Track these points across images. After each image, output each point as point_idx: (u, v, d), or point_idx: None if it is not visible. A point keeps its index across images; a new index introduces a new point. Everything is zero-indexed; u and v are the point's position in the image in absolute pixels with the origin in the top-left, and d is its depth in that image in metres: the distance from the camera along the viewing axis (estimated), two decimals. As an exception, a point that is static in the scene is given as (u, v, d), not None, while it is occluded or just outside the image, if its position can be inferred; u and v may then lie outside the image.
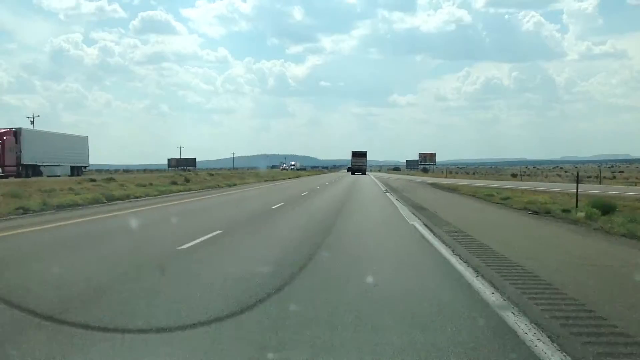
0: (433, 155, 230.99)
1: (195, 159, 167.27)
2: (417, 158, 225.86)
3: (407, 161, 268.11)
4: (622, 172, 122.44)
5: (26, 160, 66.98)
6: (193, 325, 6.57)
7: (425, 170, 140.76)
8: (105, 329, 6.47)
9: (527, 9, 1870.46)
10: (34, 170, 67.55)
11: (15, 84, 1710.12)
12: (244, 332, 6.42)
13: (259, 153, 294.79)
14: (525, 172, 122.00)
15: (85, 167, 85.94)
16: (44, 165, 70.47)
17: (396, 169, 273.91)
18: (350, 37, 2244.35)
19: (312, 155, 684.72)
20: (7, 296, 8.12)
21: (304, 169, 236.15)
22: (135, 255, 12.25)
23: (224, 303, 7.72)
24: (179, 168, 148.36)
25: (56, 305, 7.52)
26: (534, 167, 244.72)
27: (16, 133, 67.02)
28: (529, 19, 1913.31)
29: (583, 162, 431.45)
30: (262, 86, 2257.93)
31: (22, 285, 9.19)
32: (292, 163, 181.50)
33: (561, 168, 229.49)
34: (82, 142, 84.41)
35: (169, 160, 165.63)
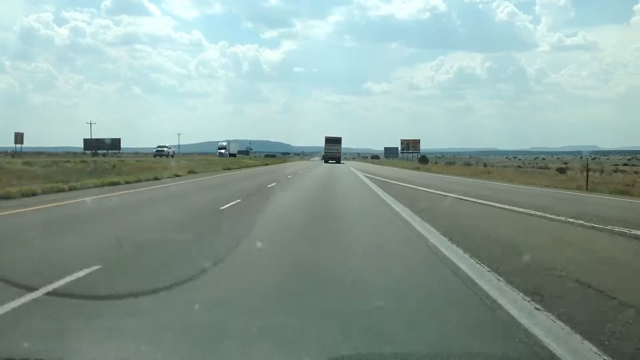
0: (417, 142, 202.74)
1: (119, 139, 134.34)
2: (396, 145, 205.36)
3: (386, 149, 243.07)
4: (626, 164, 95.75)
5: None
6: (259, 238, 11.21)
7: (424, 161, 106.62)
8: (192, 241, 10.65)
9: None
10: None
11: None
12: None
13: (233, 138, 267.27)
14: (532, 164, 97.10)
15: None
16: None
17: (375, 157, 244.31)
18: (326, 23, 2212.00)
19: (286, 142, 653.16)
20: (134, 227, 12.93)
21: (247, 153, 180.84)
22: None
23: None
24: (92, 152, 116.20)
25: (162, 230, 12.52)
26: (539, 158, 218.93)
27: None
28: (503, 9, 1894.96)
29: (552, 153, 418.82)
30: (237, 70, 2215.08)
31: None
32: (224, 144, 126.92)
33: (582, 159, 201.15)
34: None
35: (85, 140, 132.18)
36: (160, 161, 58.28)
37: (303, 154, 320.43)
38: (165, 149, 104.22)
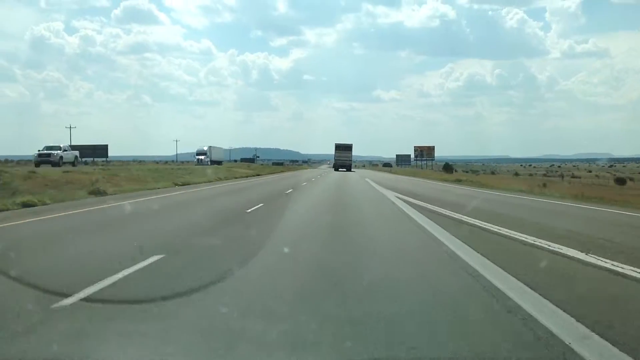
0: (432, 149, 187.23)
1: (107, 146, 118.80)
2: (407, 152, 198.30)
3: (398, 156, 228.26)
4: None
5: None
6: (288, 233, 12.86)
7: (448, 169, 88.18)
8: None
9: (510, 5, 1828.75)
10: None
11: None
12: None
13: (242, 146, 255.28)
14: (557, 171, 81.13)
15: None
16: None
17: (386, 165, 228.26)
18: (335, 31, 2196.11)
19: (295, 150, 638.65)
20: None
21: (252, 161, 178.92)
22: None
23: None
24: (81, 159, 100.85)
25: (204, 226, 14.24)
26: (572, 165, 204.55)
27: None
28: (513, 16, 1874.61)
29: (564, 160, 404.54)
30: (246, 79, 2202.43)
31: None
32: (204, 149, 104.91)
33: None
34: None
35: (70, 147, 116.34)
36: (89, 172, 36.84)
37: (310, 162, 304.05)
38: (56, 153, 56.50)
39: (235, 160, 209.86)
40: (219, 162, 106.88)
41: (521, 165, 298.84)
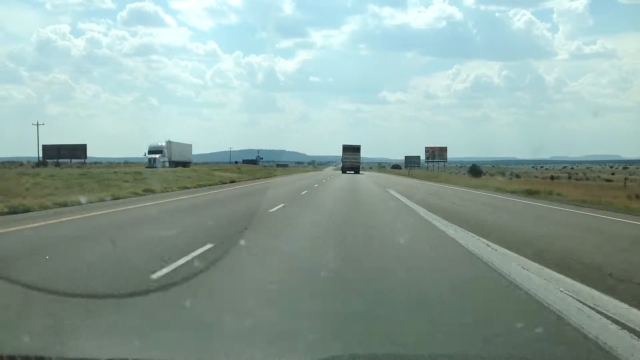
0: (444, 150, 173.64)
1: (85, 145, 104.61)
2: (415, 154, 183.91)
3: (407, 157, 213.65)
4: None
5: None
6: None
7: (475, 173, 71.80)
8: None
9: (517, 7, 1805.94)
10: None
11: (1, 73, 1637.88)
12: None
13: (248, 148, 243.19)
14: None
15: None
16: None
17: (395, 166, 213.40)
18: (341, 33, 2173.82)
19: (301, 151, 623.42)
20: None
21: (256, 163, 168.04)
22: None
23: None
24: (52, 161, 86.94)
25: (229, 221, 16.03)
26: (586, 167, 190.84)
27: None
28: (520, 17, 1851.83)
29: (574, 162, 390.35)
30: (252, 80, 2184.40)
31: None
32: (159, 144, 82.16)
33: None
34: None
35: (44, 147, 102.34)
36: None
37: (315, 163, 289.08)
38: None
39: (236, 162, 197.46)
40: (185, 164, 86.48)
41: (533, 167, 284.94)
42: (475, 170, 77.41)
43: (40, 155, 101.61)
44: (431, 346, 5.35)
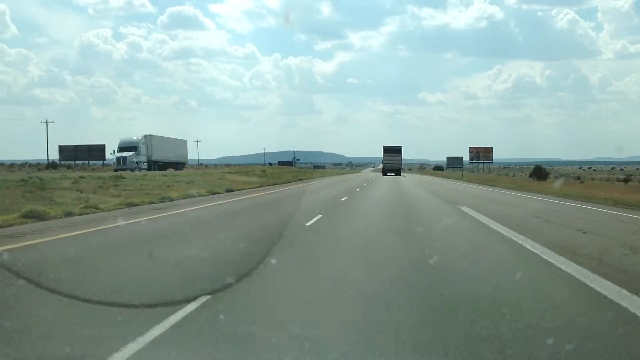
0: (489, 150, 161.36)
1: (104, 146, 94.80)
2: (456, 154, 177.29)
3: (449, 158, 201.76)
4: None
5: None
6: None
7: (540, 175, 58.73)
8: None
9: (560, 5, 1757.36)
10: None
11: (45, 77, 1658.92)
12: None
13: (286, 149, 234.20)
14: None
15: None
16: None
17: (438, 168, 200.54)
18: (379, 34, 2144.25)
19: (339, 153, 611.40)
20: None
21: (291, 164, 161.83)
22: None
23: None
24: (63, 164, 76.96)
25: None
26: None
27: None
28: (563, 16, 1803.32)
29: (619, 163, 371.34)
30: (290, 82, 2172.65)
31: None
32: (132, 139, 66.29)
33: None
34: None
35: (60, 148, 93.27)
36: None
37: (353, 165, 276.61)
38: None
39: (270, 164, 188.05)
40: (176, 165, 71.36)
41: (580, 168, 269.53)
42: (540, 172, 64.81)
43: (57, 156, 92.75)
44: None
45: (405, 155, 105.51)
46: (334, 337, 5.51)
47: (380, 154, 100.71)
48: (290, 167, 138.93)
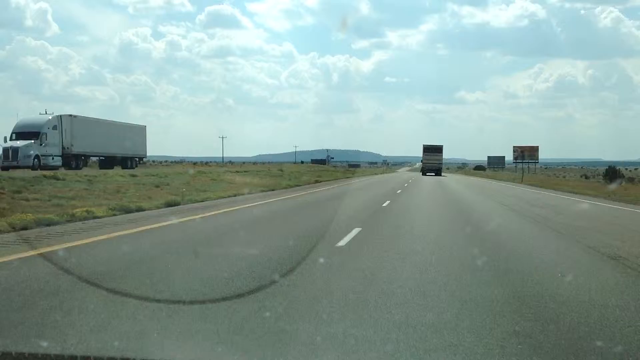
0: (535, 149, 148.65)
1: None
2: (497, 154, 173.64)
3: (489, 158, 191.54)
4: None
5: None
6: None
7: (614, 176, 46.40)
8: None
9: (604, 4, 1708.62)
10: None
11: (86, 75, 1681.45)
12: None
13: (322, 148, 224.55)
14: None
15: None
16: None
17: (479, 168, 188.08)
18: (418, 32, 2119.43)
19: (376, 152, 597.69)
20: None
21: (324, 163, 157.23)
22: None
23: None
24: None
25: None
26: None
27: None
28: (607, 15, 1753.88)
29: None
30: (327, 81, 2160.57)
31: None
32: (37, 123, 44.22)
33: None
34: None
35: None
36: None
37: (389, 164, 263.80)
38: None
39: (302, 162, 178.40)
40: (126, 161, 53.86)
41: (626, 168, 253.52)
42: (613, 174, 52.59)
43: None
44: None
45: (443, 154, 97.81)
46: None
47: (417, 153, 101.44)
48: (322, 166, 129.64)
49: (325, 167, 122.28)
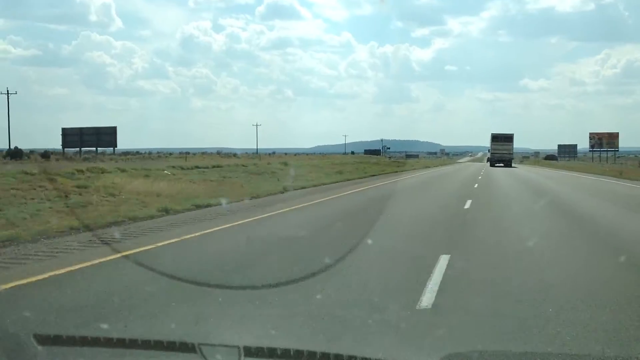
0: (614, 136, 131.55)
1: (115, 128, 71.30)
2: (569, 142, 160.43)
3: (560, 147, 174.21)
4: None
5: None
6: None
7: None
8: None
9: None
10: None
11: (149, 69, 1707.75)
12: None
13: (382, 138, 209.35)
14: None
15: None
16: None
17: (550, 157, 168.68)
18: (480, 19, 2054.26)
19: (436, 142, 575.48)
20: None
21: (378, 153, 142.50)
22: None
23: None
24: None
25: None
26: None
27: None
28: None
29: None
30: (386, 71, 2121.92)
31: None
32: None
33: None
34: None
35: (63, 131, 70.95)
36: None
37: (450, 154, 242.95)
38: None
39: (353, 152, 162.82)
40: None
41: None
42: None
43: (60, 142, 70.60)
44: None
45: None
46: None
47: (478, 142, 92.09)
48: (371, 157, 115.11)
49: (376, 158, 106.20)
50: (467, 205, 18.05)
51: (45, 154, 59.76)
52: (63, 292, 6.68)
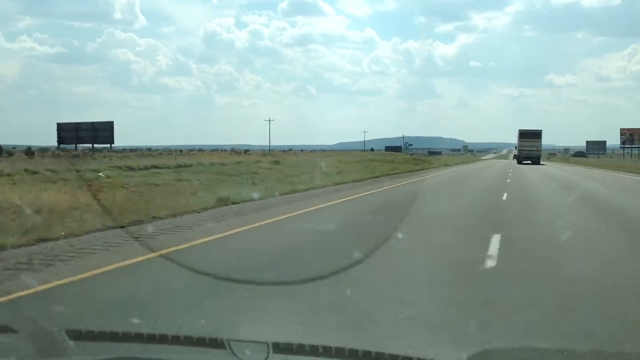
0: None
1: (112, 123, 66.69)
2: (598, 138, 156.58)
3: (588, 143, 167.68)
4: None
5: None
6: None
7: None
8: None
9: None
10: None
11: (172, 66, 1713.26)
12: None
13: (403, 135, 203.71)
14: None
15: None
16: None
17: (579, 154, 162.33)
18: (504, 14, 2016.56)
19: (460, 138, 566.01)
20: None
21: (399, 150, 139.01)
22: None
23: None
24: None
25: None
26: None
27: None
28: None
29: None
30: (409, 67, 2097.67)
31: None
32: None
33: None
34: None
35: (59, 126, 66.63)
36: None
37: (470, 150, 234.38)
38: None
39: (372, 149, 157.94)
40: None
41: None
42: None
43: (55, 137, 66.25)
44: None
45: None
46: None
47: (503, 139, 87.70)
48: (392, 154, 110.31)
49: (393, 155, 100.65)
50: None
51: (29, 151, 55.43)
52: None
